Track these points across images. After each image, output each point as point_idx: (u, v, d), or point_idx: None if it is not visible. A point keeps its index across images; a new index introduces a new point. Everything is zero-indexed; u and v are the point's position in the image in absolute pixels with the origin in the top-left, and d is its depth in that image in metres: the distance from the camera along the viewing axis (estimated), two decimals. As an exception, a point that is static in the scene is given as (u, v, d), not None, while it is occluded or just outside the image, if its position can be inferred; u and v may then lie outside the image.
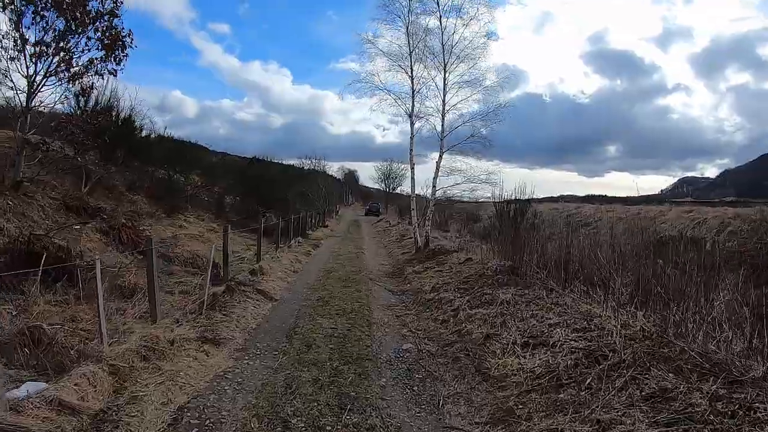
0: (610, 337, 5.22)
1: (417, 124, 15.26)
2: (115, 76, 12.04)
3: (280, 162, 25.13)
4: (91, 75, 11.59)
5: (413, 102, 15.19)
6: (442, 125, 14.65)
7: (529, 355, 5.64)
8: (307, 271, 12.81)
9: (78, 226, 10.26)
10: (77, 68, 11.26)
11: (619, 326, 5.37)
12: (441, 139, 14.58)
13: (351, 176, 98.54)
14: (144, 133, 18.70)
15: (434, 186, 14.57)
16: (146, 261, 6.27)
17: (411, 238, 19.60)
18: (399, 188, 69.53)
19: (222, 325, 6.92)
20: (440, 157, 14.56)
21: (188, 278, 9.71)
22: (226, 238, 9.81)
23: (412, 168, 15.02)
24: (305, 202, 31.97)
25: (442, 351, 6.52)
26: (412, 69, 15.19)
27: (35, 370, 4.84)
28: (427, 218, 14.95)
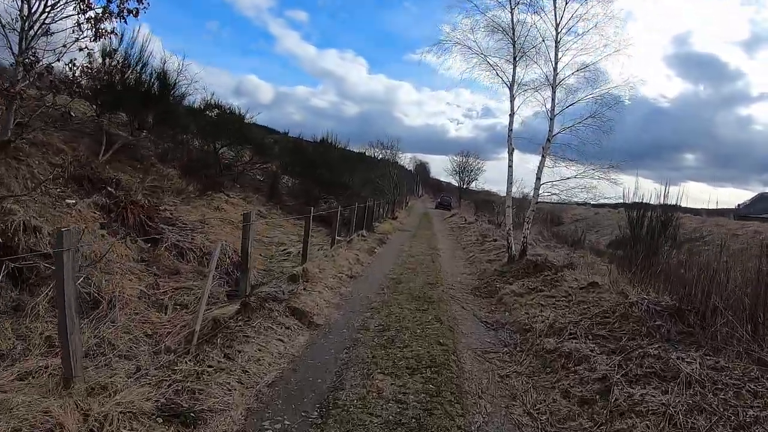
0: None
1: (518, 101, 12.04)
2: (136, 16, 9.64)
3: (346, 147, 22.14)
4: (111, 17, 9.25)
5: (514, 70, 11.94)
6: (553, 100, 11.33)
7: None
8: (368, 278, 9.96)
9: (73, 201, 7.84)
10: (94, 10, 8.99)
11: None
12: (551, 119, 11.26)
13: (422, 168, 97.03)
14: (186, 99, 16.52)
15: (538, 179, 11.27)
16: (56, 273, 3.46)
17: (496, 240, 16.45)
18: (474, 183, 65.84)
19: (214, 380, 4.17)
20: (548, 141, 11.26)
21: (198, 283, 7.03)
22: (247, 230, 6.88)
23: (511, 153, 11.75)
24: (374, 191, 29.28)
25: (598, 477, 3.52)
26: (513, 29, 11.93)
27: None
28: (528, 221, 11.69)
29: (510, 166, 11.77)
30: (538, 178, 11.22)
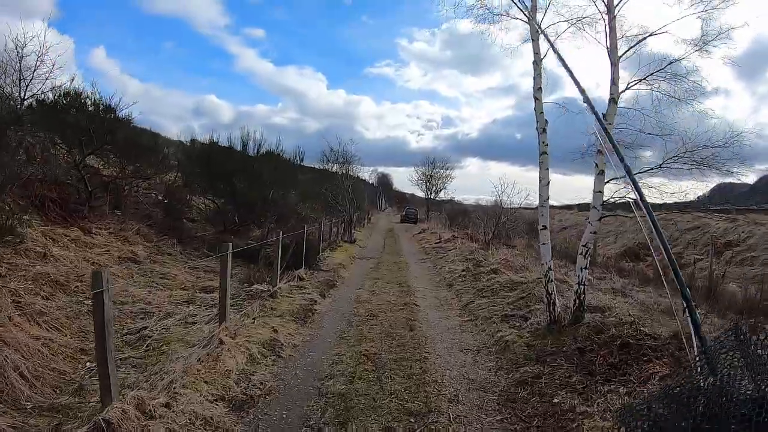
0: None
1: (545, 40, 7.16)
2: None
3: (276, 152, 16.25)
4: None
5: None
6: (611, 30, 6.53)
7: None
8: (277, 408, 4.76)
9: None
10: None
11: None
12: (613, 63, 6.42)
13: (385, 179, 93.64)
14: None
15: (601, 173, 6.32)
16: None
17: (497, 273, 11.50)
18: (442, 192, 60.66)
19: None
20: (612, 103, 6.40)
21: None
22: None
23: (543, 131, 6.77)
24: (325, 208, 23.99)
25: None
26: None
27: None
28: (586, 250, 6.65)
29: (544, 153, 6.72)
30: (601, 172, 6.26)
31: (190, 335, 6.52)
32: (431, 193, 60.18)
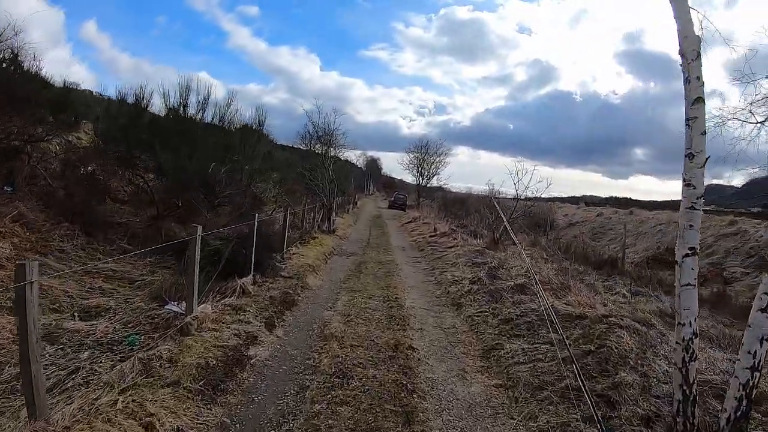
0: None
1: None
2: None
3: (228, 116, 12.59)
4: None
5: None
6: None
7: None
8: None
9: None
10: None
11: None
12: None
13: (374, 164, 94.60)
14: None
15: None
16: None
17: (523, 291, 8.46)
18: (434, 179, 57.23)
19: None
20: None
21: None
22: None
23: (696, 59, 3.61)
24: (307, 192, 20.69)
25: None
26: None
27: None
28: None
29: (698, 100, 3.54)
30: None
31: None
32: (423, 179, 56.82)
